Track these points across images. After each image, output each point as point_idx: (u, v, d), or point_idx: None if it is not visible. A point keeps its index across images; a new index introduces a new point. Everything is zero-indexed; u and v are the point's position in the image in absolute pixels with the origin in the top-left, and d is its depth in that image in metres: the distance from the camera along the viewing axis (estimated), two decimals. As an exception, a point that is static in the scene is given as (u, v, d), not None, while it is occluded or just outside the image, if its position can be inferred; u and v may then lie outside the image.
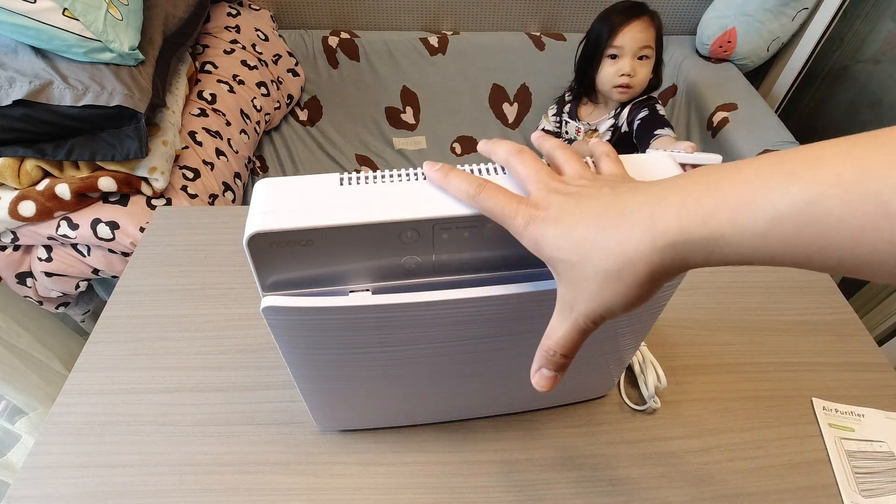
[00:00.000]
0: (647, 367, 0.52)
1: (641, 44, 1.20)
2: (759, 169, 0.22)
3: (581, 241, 0.26)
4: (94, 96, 0.88)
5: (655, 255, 0.24)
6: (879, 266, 0.19)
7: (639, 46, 1.21)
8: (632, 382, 0.54)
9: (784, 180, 0.21)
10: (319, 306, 0.33)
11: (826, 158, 0.20)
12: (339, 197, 0.31)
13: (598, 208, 0.27)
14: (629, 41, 1.20)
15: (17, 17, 0.84)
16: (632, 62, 1.22)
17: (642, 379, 0.52)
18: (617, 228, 0.25)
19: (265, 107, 1.44)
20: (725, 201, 0.22)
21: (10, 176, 0.91)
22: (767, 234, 0.21)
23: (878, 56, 1.44)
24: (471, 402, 0.49)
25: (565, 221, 0.27)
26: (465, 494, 0.47)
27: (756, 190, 0.22)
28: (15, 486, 0.46)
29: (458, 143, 1.72)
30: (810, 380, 0.56)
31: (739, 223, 0.22)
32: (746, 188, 0.22)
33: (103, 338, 0.57)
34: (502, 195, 0.30)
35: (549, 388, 0.30)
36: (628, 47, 1.21)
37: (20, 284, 1.06)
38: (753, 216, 0.21)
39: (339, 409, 0.47)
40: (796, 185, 0.20)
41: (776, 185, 0.21)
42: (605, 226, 0.26)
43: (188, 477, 0.47)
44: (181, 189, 1.05)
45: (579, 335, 0.28)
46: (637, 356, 0.54)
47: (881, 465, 0.50)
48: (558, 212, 0.28)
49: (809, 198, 0.20)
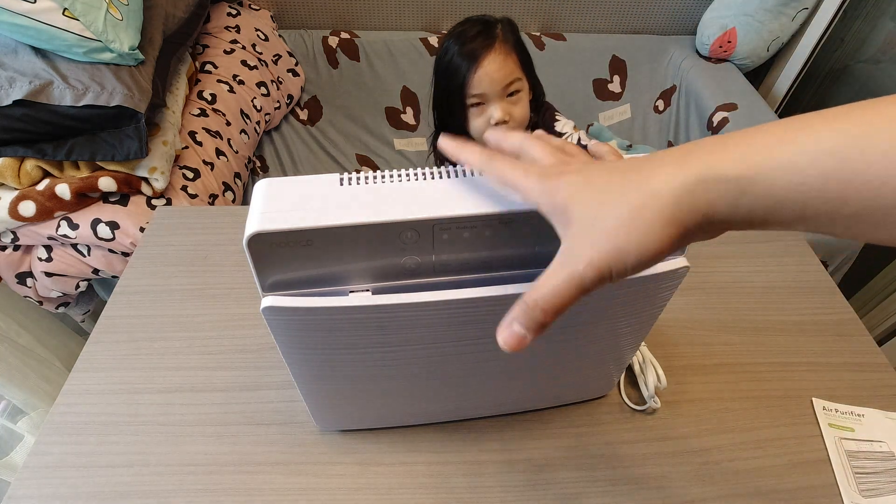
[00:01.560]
0: (647, 367, 0.52)
1: (504, 82, 0.90)
2: (802, 118, 0.22)
3: (603, 187, 0.25)
4: (94, 96, 0.88)
5: (683, 191, 0.23)
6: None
7: (502, 87, 0.90)
8: (632, 382, 0.54)
9: (829, 121, 0.21)
10: (319, 306, 0.33)
11: (871, 105, 0.21)
12: (339, 197, 0.31)
13: (622, 164, 0.26)
14: (488, 85, 0.89)
15: (17, 17, 0.84)
16: (502, 105, 0.91)
17: (642, 379, 0.52)
18: (641, 171, 0.24)
19: (265, 107, 1.44)
20: (766, 141, 0.22)
21: (10, 176, 0.91)
22: (806, 169, 0.21)
23: (878, 56, 1.44)
24: (471, 402, 0.49)
25: (586, 172, 0.26)
26: (465, 494, 0.47)
27: (799, 129, 0.22)
28: (15, 485, 0.46)
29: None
30: (810, 380, 0.56)
31: (776, 158, 0.21)
32: (789, 128, 0.22)
33: (103, 338, 0.57)
34: (516, 161, 0.30)
35: (514, 347, 0.26)
36: (490, 91, 0.90)
37: (20, 284, 1.06)
38: (793, 150, 0.21)
39: (338, 409, 0.47)
40: (841, 122, 0.21)
41: (820, 125, 0.21)
42: (630, 171, 0.24)
43: (188, 477, 0.47)
44: (181, 189, 1.05)
45: (574, 290, 0.25)
46: (637, 356, 0.54)
47: (881, 465, 0.50)
48: (579, 166, 0.27)
49: (858, 132, 0.20)
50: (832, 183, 0.21)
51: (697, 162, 0.23)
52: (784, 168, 0.21)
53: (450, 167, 0.33)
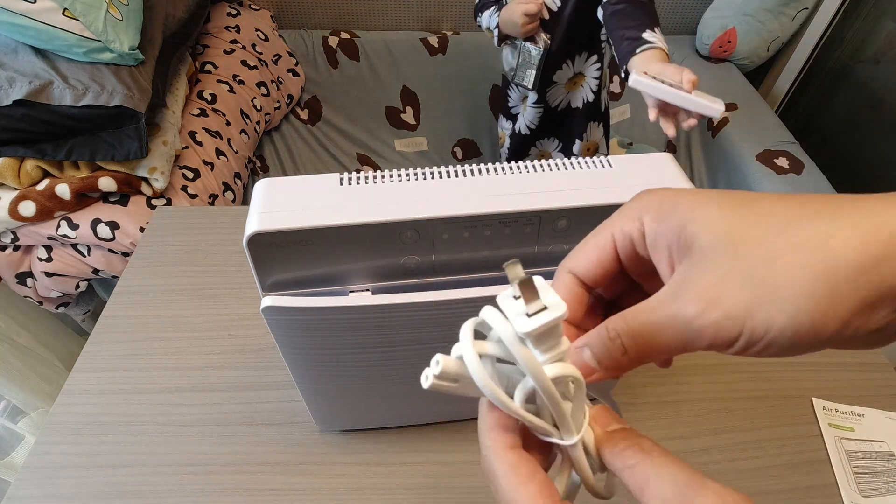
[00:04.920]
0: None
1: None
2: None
3: (758, 220, 0.18)
4: (94, 96, 0.88)
5: (870, 261, 0.16)
6: None
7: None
8: (632, 381, 0.54)
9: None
10: (319, 306, 0.33)
11: None
12: (339, 197, 0.31)
13: (774, 197, 0.19)
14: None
15: (17, 17, 0.84)
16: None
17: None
18: (816, 213, 0.17)
19: (265, 107, 1.44)
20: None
21: (10, 176, 0.91)
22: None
23: (878, 56, 1.44)
24: (471, 403, 0.49)
25: (729, 197, 0.19)
26: (464, 494, 0.46)
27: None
28: (15, 485, 0.46)
29: (458, 148, 1.72)
30: (810, 380, 0.56)
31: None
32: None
33: (103, 338, 0.57)
34: None
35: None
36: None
37: (20, 284, 1.06)
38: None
39: (338, 408, 0.47)
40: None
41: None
42: (794, 208, 0.18)
43: (188, 477, 0.47)
44: (181, 189, 1.05)
45: (678, 339, 0.19)
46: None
47: (881, 465, 0.50)
48: (712, 192, 0.20)
49: None
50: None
51: (885, 224, 0.16)
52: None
53: (449, 169, 0.33)
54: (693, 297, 0.18)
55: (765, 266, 0.17)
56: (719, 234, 0.18)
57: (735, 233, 0.18)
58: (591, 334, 0.21)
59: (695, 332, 0.18)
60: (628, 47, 0.81)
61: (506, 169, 0.34)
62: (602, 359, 0.20)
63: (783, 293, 0.17)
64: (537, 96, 1.11)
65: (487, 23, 1.06)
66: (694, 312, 0.18)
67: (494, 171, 0.33)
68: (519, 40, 1.03)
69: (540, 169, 0.34)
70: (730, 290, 0.17)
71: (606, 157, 0.35)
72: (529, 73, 1.06)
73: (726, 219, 0.18)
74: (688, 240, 0.19)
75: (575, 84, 1.10)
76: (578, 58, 1.05)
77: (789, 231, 0.17)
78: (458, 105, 1.69)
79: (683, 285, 0.19)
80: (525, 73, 1.07)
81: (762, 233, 0.18)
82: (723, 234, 0.18)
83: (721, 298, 0.18)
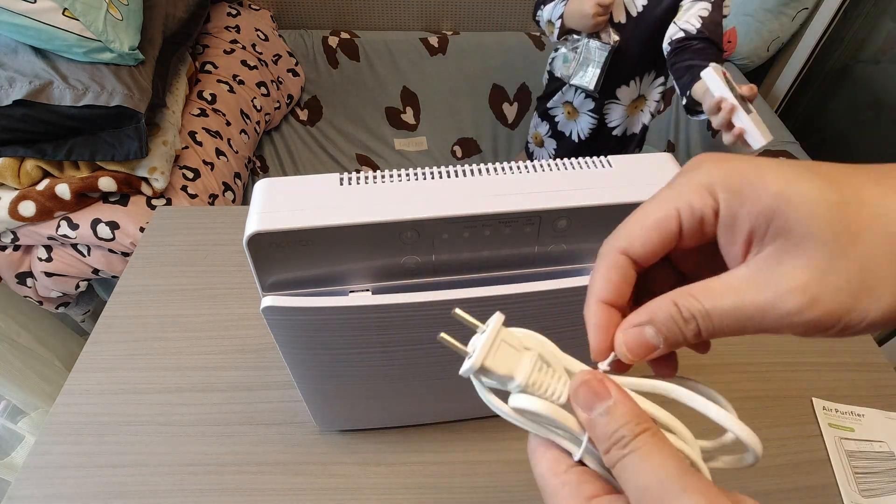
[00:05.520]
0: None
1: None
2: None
3: (858, 205, 0.17)
4: (94, 96, 0.88)
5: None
6: None
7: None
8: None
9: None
10: (319, 306, 0.33)
11: None
12: (339, 197, 0.31)
13: (865, 174, 0.18)
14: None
15: (17, 17, 0.84)
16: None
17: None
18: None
19: (265, 107, 1.44)
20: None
21: (10, 176, 0.91)
22: None
23: (878, 56, 1.44)
24: (471, 403, 0.49)
25: (819, 174, 0.18)
26: (464, 494, 0.46)
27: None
28: (15, 485, 0.46)
29: (458, 147, 1.72)
30: (810, 380, 0.56)
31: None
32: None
33: (103, 338, 0.57)
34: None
35: (636, 355, 0.20)
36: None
37: (20, 284, 1.06)
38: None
39: (338, 409, 0.47)
40: None
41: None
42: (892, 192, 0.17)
43: (188, 477, 0.47)
44: (181, 189, 1.05)
45: (762, 330, 0.18)
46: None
47: (881, 465, 0.50)
48: (798, 166, 0.18)
49: None
50: None
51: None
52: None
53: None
54: (793, 290, 0.17)
55: (869, 259, 0.17)
56: (819, 221, 0.17)
57: (836, 221, 0.17)
58: (654, 311, 0.20)
59: (788, 324, 0.17)
60: (695, 72, 0.81)
61: (506, 169, 0.34)
62: (669, 336, 0.19)
63: (885, 286, 0.17)
64: (594, 104, 1.06)
65: (549, 15, 1.00)
66: (794, 308, 0.17)
67: (494, 171, 0.33)
68: (583, 36, 0.97)
69: (540, 169, 0.34)
70: (833, 286, 0.17)
71: (606, 157, 0.35)
72: (591, 71, 0.98)
73: (825, 203, 0.17)
74: (781, 225, 0.17)
75: (636, 108, 1.06)
76: (646, 77, 1.01)
77: (890, 216, 0.17)
78: (458, 105, 1.69)
79: (779, 273, 0.18)
80: (585, 71, 0.99)
81: (864, 221, 0.17)
82: (823, 221, 0.17)
83: (823, 296, 0.17)
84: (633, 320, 0.20)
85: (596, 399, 0.19)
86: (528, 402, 0.20)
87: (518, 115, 1.72)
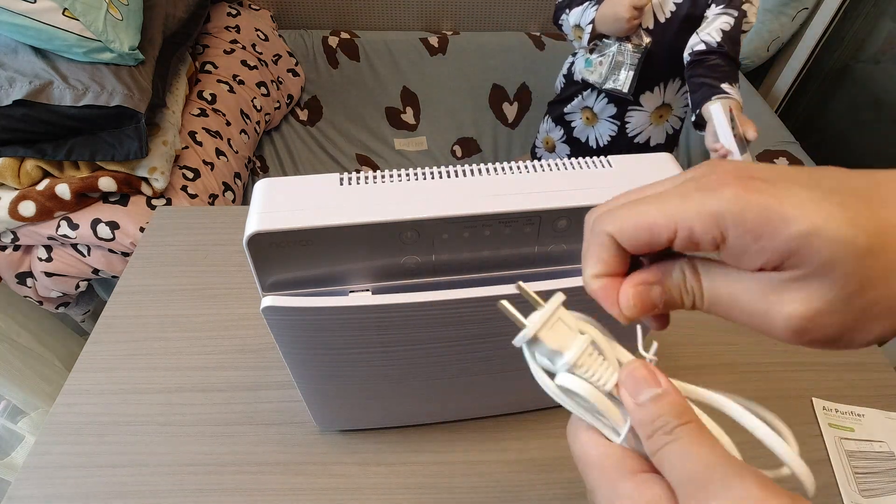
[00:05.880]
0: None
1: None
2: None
3: (884, 237, 0.16)
4: (94, 96, 0.88)
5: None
6: None
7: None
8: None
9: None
10: (319, 306, 0.33)
11: None
12: (339, 197, 0.31)
13: (850, 172, 0.18)
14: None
15: (17, 17, 0.84)
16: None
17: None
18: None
19: (265, 107, 1.44)
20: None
21: (10, 176, 0.91)
22: None
23: (878, 56, 1.44)
24: (471, 403, 0.49)
25: (817, 177, 0.18)
26: (464, 494, 0.46)
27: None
28: (15, 485, 0.46)
29: (458, 146, 1.72)
30: (810, 380, 0.56)
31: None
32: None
33: (103, 338, 0.57)
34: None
35: (639, 312, 0.21)
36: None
37: (20, 284, 1.06)
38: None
39: (338, 409, 0.47)
40: None
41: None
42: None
43: (188, 477, 0.47)
44: (181, 189, 1.05)
45: (752, 326, 0.19)
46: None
47: (881, 465, 0.50)
48: (793, 173, 0.18)
49: None
50: None
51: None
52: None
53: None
54: (790, 317, 0.18)
55: (873, 304, 0.17)
56: (840, 271, 0.16)
57: (857, 272, 0.16)
58: (664, 274, 0.21)
59: (771, 333, 0.18)
60: (707, 92, 0.84)
61: (506, 169, 0.34)
62: (669, 301, 0.21)
63: (877, 322, 0.17)
64: (616, 111, 1.05)
65: (578, 19, 0.98)
66: (782, 327, 0.18)
67: (494, 171, 0.33)
68: (613, 40, 0.97)
69: (540, 169, 0.34)
70: (828, 322, 0.17)
71: (606, 158, 0.35)
72: (625, 74, 0.98)
73: (851, 252, 0.16)
74: (797, 263, 0.17)
75: (661, 118, 1.05)
76: (671, 84, 1.00)
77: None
78: (458, 105, 1.69)
79: (781, 295, 0.18)
80: (618, 75, 0.99)
81: (883, 270, 0.17)
82: (844, 271, 0.16)
83: (815, 330, 0.17)
84: (644, 277, 0.21)
85: (645, 385, 0.20)
86: (573, 383, 0.21)
87: (518, 114, 1.72)
